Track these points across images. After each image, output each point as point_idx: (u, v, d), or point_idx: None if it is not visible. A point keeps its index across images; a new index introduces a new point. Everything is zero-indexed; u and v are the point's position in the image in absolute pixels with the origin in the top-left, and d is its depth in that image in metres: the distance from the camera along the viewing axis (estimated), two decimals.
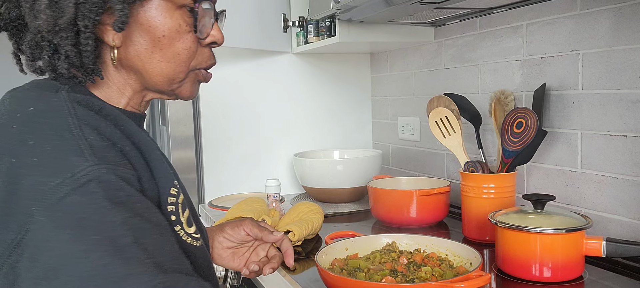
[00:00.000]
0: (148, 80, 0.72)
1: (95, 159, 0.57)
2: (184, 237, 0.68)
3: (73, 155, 0.57)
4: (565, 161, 1.27)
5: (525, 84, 1.37)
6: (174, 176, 0.70)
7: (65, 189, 0.55)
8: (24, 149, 0.58)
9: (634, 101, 1.10)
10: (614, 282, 1.03)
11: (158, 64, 0.70)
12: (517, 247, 1.02)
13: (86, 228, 0.54)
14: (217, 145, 1.93)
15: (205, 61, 0.76)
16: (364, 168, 1.75)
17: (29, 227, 0.54)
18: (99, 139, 0.59)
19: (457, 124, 1.37)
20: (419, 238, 1.12)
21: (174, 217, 0.67)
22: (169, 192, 0.67)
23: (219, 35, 0.76)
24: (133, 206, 0.58)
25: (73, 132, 0.59)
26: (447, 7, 1.34)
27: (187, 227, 0.69)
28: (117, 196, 0.57)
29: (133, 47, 0.69)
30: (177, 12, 0.70)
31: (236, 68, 1.93)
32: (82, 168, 0.56)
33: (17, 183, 0.56)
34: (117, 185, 0.57)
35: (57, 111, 0.61)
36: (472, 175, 1.29)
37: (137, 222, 0.57)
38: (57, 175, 0.55)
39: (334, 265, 1.02)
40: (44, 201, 0.54)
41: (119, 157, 0.60)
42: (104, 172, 0.56)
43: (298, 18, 1.90)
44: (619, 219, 1.16)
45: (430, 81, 1.76)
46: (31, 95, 0.65)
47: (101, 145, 0.59)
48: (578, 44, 1.21)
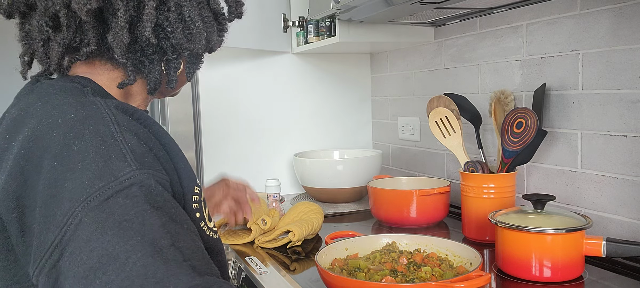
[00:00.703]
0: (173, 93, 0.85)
1: (137, 164, 0.59)
2: (207, 232, 0.70)
3: (116, 159, 0.59)
4: (565, 161, 1.27)
5: (525, 83, 1.37)
6: (195, 174, 0.71)
7: (109, 192, 0.56)
8: (68, 154, 0.59)
9: (634, 101, 1.10)
10: (614, 282, 1.03)
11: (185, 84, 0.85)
12: (517, 247, 1.02)
13: (128, 229, 0.55)
14: (217, 145, 1.93)
15: None
16: (364, 168, 1.75)
17: (70, 227, 0.55)
18: (139, 144, 0.62)
19: (457, 124, 1.37)
20: (419, 239, 1.12)
21: (198, 214, 0.69)
22: (193, 190, 0.69)
23: None
24: (169, 211, 0.60)
25: (115, 137, 0.61)
26: (447, 7, 1.34)
27: (209, 223, 0.72)
28: (157, 200, 0.59)
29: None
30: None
31: (236, 68, 1.93)
32: (126, 173, 0.58)
33: (59, 186, 0.57)
34: (157, 190, 0.59)
35: (99, 117, 0.62)
36: (472, 175, 1.29)
37: (174, 226, 0.59)
38: (102, 179, 0.57)
39: (334, 265, 1.02)
40: (88, 203, 0.56)
41: (155, 162, 0.62)
42: (145, 177, 0.59)
43: (298, 18, 1.90)
44: (619, 219, 1.16)
45: (430, 81, 1.76)
46: (68, 101, 0.66)
47: (141, 150, 0.61)
48: (578, 43, 1.21)
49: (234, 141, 1.94)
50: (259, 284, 1.10)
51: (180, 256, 0.56)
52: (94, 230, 0.55)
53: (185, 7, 0.72)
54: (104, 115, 0.63)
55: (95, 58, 0.73)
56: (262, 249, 1.31)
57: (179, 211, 0.61)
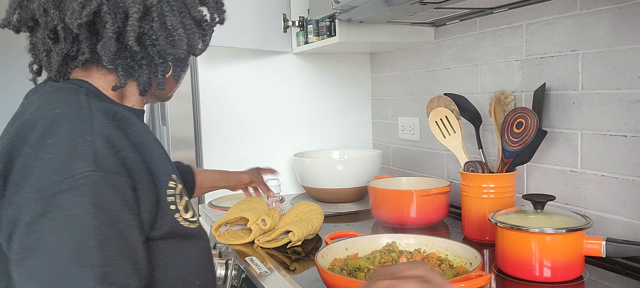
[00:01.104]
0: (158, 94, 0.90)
1: (96, 166, 0.66)
2: (182, 222, 0.77)
3: (79, 159, 0.66)
4: (565, 161, 1.27)
5: (525, 84, 1.37)
6: (172, 169, 0.78)
7: (62, 186, 0.64)
8: (42, 145, 0.67)
9: (633, 101, 1.10)
10: (614, 282, 1.03)
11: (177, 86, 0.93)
12: (517, 247, 1.02)
13: (65, 224, 0.63)
14: (217, 145, 1.93)
15: None
16: (364, 168, 1.75)
17: (23, 208, 0.64)
18: (105, 146, 0.68)
19: (457, 124, 1.37)
20: (419, 238, 1.12)
21: (173, 206, 0.76)
22: (168, 184, 0.76)
23: None
24: (113, 215, 0.66)
25: (85, 138, 0.68)
26: (447, 7, 1.34)
27: (184, 213, 0.78)
28: (103, 203, 0.65)
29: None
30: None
31: (236, 68, 1.93)
32: (82, 172, 0.65)
33: (28, 172, 0.65)
34: (105, 193, 0.65)
35: (78, 117, 0.70)
36: (472, 175, 1.29)
37: (108, 231, 0.65)
38: (60, 174, 0.64)
39: (334, 265, 1.02)
40: (42, 191, 0.64)
41: (118, 166, 0.68)
42: (98, 179, 0.65)
43: (298, 18, 1.90)
44: (619, 219, 1.16)
45: (430, 81, 1.76)
46: (59, 98, 0.75)
47: (105, 153, 0.67)
48: (578, 44, 1.21)
49: (234, 141, 1.94)
50: (259, 284, 1.10)
51: (100, 261, 0.62)
52: (39, 217, 0.63)
53: (168, 17, 0.78)
54: (84, 115, 0.70)
55: (92, 64, 0.80)
56: (262, 249, 1.31)
57: (125, 217, 0.67)
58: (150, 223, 0.73)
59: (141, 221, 0.71)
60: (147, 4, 0.77)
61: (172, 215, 0.75)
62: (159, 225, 0.73)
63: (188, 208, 0.80)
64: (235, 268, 1.27)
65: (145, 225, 0.72)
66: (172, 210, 0.75)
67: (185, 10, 0.81)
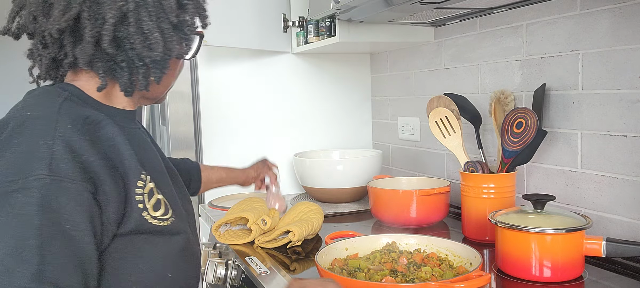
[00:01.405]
0: (150, 96, 0.92)
1: (50, 170, 0.70)
2: (150, 220, 0.81)
3: (35, 161, 0.71)
4: (565, 161, 1.27)
5: (525, 84, 1.37)
6: (141, 169, 0.83)
7: (15, 186, 0.69)
8: (8, 143, 0.73)
9: (633, 101, 1.10)
10: (614, 282, 1.03)
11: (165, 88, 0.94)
12: (517, 247, 1.02)
13: (12, 221, 0.68)
14: (217, 145, 1.93)
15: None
16: (364, 168, 1.75)
17: None
18: (64, 151, 0.72)
19: (457, 124, 1.37)
20: (419, 238, 1.12)
21: (141, 204, 0.80)
22: (136, 184, 0.81)
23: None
24: (60, 216, 0.70)
25: (47, 141, 0.73)
26: (447, 7, 1.34)
27: (153, 211, 0.82)
28: (49, 205, 0.69)
29: None
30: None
31: (236, 68, 1.93)
32: (35, 174, 0.70)
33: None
34: (54, 196, 0.70)
35: (46, 121, 0.75)
36: (472, 175, 1.30)
37: (52, 232, 0.69)
38: (16, 174, 0.70)
39: (334, 265, 1.02)
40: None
41: (74, 171, 0.72)
42: (47, 182, 0.70)
43: (298, 18, 1.90)
44: (619, 219, 1.16)
45: (430, 81, 1.76)
46: (38, 101, 0.81)
47: (62, 157, 0.72)
48: (578, 44, 1.21)
49: (234, 141, 1.95)
50: (259, 284, 1.10)
51: (36, 259, 0.67)
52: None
53: (145, 22, 0.81)
54: (50, 120, 0.75)
55: (79, 68, 0.84)
56: (262, 249, 1.31)
57: (73, 219, 0.71)
58: (117, 222, 0.77)
59: (105, 221, 0.75)
60: (124, 10, 0.80)
61: (140, 213, 0.80)
62: (126, 221, 0.78)
63: (159, 206, 0.84)
64: (235, 268, 1.27)
65: (112, 223, 0.77)
66: (139, 209, 0.80)
67: (164, 16, 0.83)
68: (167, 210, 0.85)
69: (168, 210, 0.86)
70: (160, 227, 0.83)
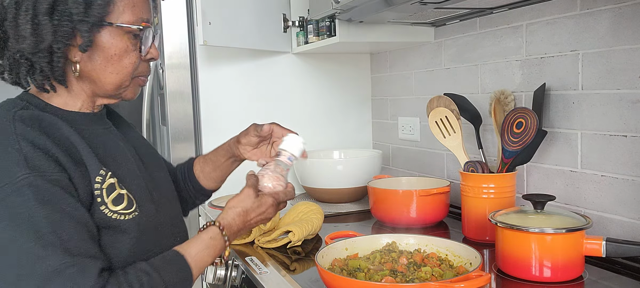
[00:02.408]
0: (100, 88, 0.92)
1: (29, 169, 0.77)
2: (109, 214, 0.86)
3: (14, 165, 0.77)
4: (565, 161, 1.27)
5: (525, 84, 1.37)
6: (100, 166, 0.87)
7: (7, 191, 0.76)
8: None
9: (634, 101, 1.10)
10: (614, 282, 1.03)
11: (110, 75, 0.91)
12: (517, 247, 1.02)
13: (17, 220, 0.75)
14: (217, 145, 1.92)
15: (144, 72, 0.97)
16: (364, 168, 1.75)
17: None
18: (32, 150, 0.79)
19: (457, 124, 1.37)
20: (419, 238, 1.12)
21: (99, 199, 0.85)
22: (95, 179, 0.85)
23: (155, 52, 0.96)
24: (56, 203, 0.78)
25: (14, 146, 0.79)
26: (447, 7, 1.34)
27: (113, 206, 0.87)
28: (44, 196, 0.77)
29: (91, 63, 0.90)
30: (126, 36, 0.90)
31: (237, 68, 1.93)
32: (20, 176, 0.77)
33: None
34: (44, 188, 0.77)
35: (5, 131, 0.81)
36: (472, 175, 1.29)
37: (57, 217, 0.77)
38: (2, 181, 0.77)
39: (334, 265, 1.02)
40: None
41: (49, 164, 0.79)
42: (34, 179, 0.77)
43: (298, 18, 1.90)
44: (619, 219, 1.16)
45: (430, 81, 1.76)
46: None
47: (34, 155, 0.79)
48: (578, 44, 1.21)
49: None
50: (259, 284, 1.10)
51: (58, 240, 0.75)
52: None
53: (21, 15, 0.83)
54: (8, 127, 0.81)
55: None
56: (262, 249, 1.31)
57: (69, 201, 0.79)
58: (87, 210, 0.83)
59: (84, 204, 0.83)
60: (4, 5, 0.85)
61: (99, 206, 0.85)
62: (91, 213, 0.84)
63: (120, 201, 0.88)
64: (235, 268, 1.27)
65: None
66: (98, 202, 0.85)
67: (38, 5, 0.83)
68: (131, 205, 0.89)
69: (132, 205, 0.89)
70: (120, 221, 0.86)
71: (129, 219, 0.88)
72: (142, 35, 0.92)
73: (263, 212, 1.02)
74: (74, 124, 0.89)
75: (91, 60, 0.89)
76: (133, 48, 0.91)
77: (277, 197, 1.04)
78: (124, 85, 0.94)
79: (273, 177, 1.06)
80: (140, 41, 0.92)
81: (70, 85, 0.91)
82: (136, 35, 0.91)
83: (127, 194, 0.89)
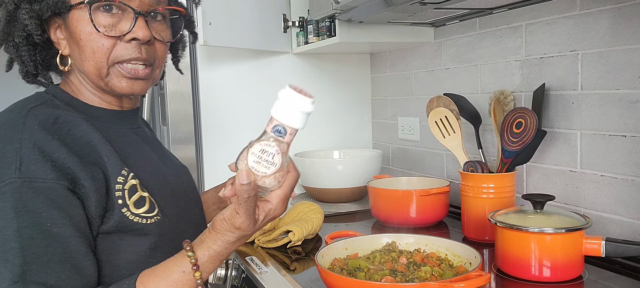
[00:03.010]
0: (89, 79, 0.86)
1: (20, 173, 0.71)
2: (131, 217, 0.80)
3: (4, 167, 0.72)
4: (565, 161, 1.27)
5: (525, 84, 1.37)
6: (122, 166, 0.82)
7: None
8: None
9: (633, 101, 1.10)
10: (613, 282, 1.03)
11: (86, 63, 0.84)
12: (517, 246, 1.02)
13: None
14: (217, 145, 1.93)
15: (124, 56, 0.84)
16: (364, 168, 1.76)
17: None
18: (32, 152, 0.73)
19: (456, 124, 1.37)
20: (419, 238, 1.12)
21: (120, 201, 0.80)
22: (116, 180, 0.80)
23: (140, 31, 0.83)
24: (36, 217, 0.71)
25: (14, 145, 0.74)
26: (446, 7, 1.34)
27: (135, 209, 0.81)
28: (25, 206, 0.71)
29: (72, 52, 0.85)
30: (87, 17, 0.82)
31: (236, 68, 1.93)
32: (6, 179, 0.71)
33: None
34: (28, 197, 0.71)
35: (13, 129, 0.76)
36: (471, 175, 1.30)
37: (30, 233, 0.70)
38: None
39: (334, 265, 1.02)
40: None
41: (44, 170, 0.73)
42: (18, 185, 0.71)
43: (298, 18, 1.90)
44: (619, 219, 1.16)
45: (430, 81, 1.76)
46: (9, 108, 0.81)
47: (31, 158, 0.73)
48: (577, 44, 1.22)
49: (234, 141, 1.94)
50: (259, 284, 1.10)
51: (19, 260, 0.69)
52: None
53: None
54: (17, 124, 0.76)
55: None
56: (262, 249, 1.31)
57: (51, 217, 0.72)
58: (100, 216, 0.78)
59: (89, 214, 0.76)
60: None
61: (120, 209, 0.79)
62: (108, 218, 0.78)
63: (142, 203, 0.82)
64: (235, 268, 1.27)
65: (95, 218, 0.77)
66: (119, 204, 0.79)
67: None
68: (152, 208, 0.83)
69: (154, 209, 0.84)
70: (142, 224, 0.81)
71: (151, 223, 0.82)
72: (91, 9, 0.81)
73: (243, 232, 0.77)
74: (98, 121, 0.85)
75: (71, 49, 0.85)
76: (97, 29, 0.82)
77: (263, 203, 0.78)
78: (103, 73, 0.84)
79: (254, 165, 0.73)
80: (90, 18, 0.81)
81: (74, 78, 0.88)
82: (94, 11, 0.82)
83: (149, 197, 0.84)
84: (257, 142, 0.74)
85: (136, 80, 0.86)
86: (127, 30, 0.83)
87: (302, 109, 0.72)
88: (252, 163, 0.73)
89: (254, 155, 0.73)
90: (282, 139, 0.74)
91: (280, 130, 0.73)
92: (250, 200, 0.73)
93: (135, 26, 0.83)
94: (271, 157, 0.73)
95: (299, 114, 0.72)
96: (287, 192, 0.79)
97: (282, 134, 0.74)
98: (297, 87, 0.71)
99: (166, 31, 0.91)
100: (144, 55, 0.85)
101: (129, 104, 0.93)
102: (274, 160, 0.73)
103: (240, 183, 0.72)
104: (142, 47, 0.85)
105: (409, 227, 1.42)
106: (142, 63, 0.86)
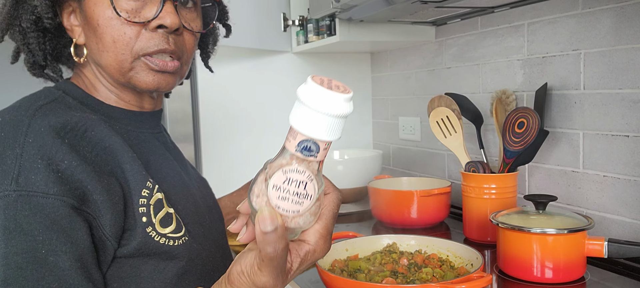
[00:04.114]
0: (107, 73, 0.75)
1: (15, 185, 0.60)
2: (156, 238, 0.68)
3: (3, 173, 0.60)
4: (567, 161, 1.26)
5: (527, 83, 1.36)
6: (147, 177, 0.70)
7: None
8: None
9: (635, 101, 1.10)
10: (615, 283, 1.02)
11: (104, 54, 0.72)
12: (519, 247, 1.02)
13: None
14: (216, 145, 1.92)
15: (150, 47, 0.72)
16: (365, 169, 1.75)
17: None
18: (34, 160, 0.61)
19: (458, 124, 1.36)
20: (420, 239, 1.11)
21: (145, 218, 0.67)
22: (141, 193, 0.68)
23: (168, 18, 0.71)
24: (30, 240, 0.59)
25: (14, 149, 0.62)
26: (448, 6, 1.33)
27: (161, 228, 0.69)
28: (18, 226, 0.59)
29: (88, 41, 0.74)
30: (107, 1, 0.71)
31: (236, 68, 1.92)
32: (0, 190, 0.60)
33: None
34: (22, 215, 0.59)
35: (12, 126, 0.64)
36: (473, 175, 1.29)
37: (20, 261, 0.58)
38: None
39: (334, 266, 1.01)
40: None
41: (47, 182, 0.61)
42: (12, 200, 0.59)
43: (298, 17, 1.89)
44: (621, 220, 1.15)
45: (431, 81, 1.75)
46: (16, 103, 0.69)
47: (32, 167, 0.61)
48: (580, 43, 1.21)
49: (233, 141, 1.94)
50: None
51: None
52: None
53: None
54: (21, 125, 0.64)
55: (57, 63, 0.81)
56: None
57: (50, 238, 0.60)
58: (116, 237, 0.65)
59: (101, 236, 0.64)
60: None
61: (144, 228, 0.67)
62: (127, 239, 0.66)
63: (169, 221, 0.70)
64: None
65: (110, 239, 0.64)
66: (143, 223, 0.67)
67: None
68: (180, 228, 0.71)
69: (181, 228, 0.71)
70: (170, 247, 0.69)
71: (179, 245, 0.70)
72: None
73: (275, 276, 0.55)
74: (117, 123, 0.74)
75: (88, 38, 0.73)
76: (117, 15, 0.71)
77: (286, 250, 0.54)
78: (125, 67, 0.72)
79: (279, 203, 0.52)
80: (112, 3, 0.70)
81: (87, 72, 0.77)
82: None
83: (175, 215, 0.71)
84: (277, 168, 0.52)
85: (163, 74, 0.74)
86: (153, 15, 0.71)
87: (336, 111, 0.48)
88: (276, 201, 0.50)
89: (277, 188, 0.50)
90: (314, 158, 0.52)
91: (310, 148, 0.52)
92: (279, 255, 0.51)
93: (163, 11, 0.71)
94: (302, 187, 0.51)
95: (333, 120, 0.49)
96: (328, 225, 0.55)
97: (313, 152, 0.52)
98: (324, 78, 0.49)
99: (196, 21, 0.79)
100: (171, 46, 0.73)
101: (150, 104, 0.81)
102: (307, 190, 0.51)
103: (262, 232, 0.49)
104: (169, 37, 0.73)
105: (409, 227, 1.41)
106: (169, 55, 0.74)
